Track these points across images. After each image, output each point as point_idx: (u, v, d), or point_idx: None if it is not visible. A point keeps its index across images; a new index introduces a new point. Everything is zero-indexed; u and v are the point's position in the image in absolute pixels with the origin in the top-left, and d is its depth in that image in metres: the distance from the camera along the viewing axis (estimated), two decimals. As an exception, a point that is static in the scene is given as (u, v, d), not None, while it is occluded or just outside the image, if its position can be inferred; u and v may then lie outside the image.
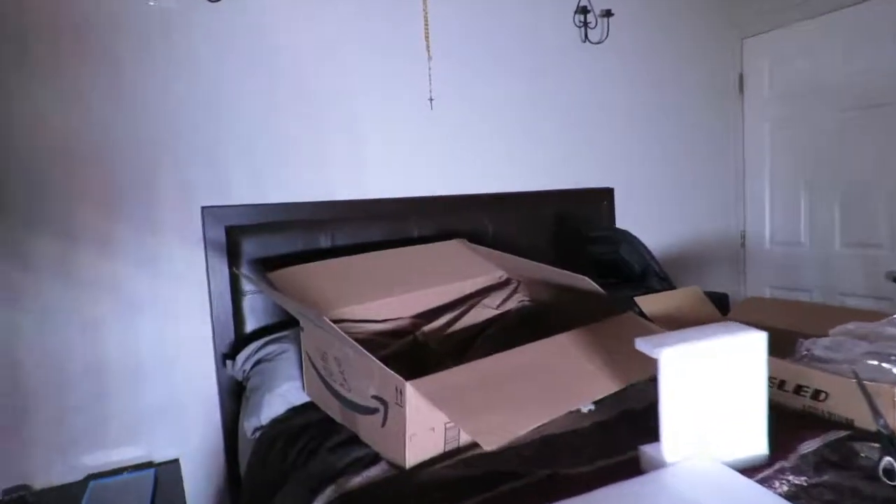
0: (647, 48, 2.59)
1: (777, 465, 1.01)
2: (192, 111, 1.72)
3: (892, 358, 1.11)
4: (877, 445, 1.05)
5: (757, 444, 1.04)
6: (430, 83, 2.02)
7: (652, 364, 1.19)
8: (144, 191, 1.67)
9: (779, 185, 2.87)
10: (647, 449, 1.05)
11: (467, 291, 1.72)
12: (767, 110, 2.85)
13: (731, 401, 1.02)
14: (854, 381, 1.16)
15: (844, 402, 1.19)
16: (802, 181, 2.76)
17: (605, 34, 2.37)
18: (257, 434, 1.42)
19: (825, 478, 0.98)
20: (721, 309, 1.87)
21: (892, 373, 1.11)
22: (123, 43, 1.62)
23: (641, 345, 1.01)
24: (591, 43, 2.37)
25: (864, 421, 1.16)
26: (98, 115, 1.60)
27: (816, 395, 1.23)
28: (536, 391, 1.06)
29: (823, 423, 1.18)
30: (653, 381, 1.13)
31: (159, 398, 1.69)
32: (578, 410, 1.18)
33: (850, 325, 1.30)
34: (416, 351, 1.50)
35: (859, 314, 1.75)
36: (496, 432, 0.93)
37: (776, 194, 2.89)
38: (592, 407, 1.18)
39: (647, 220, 2.62)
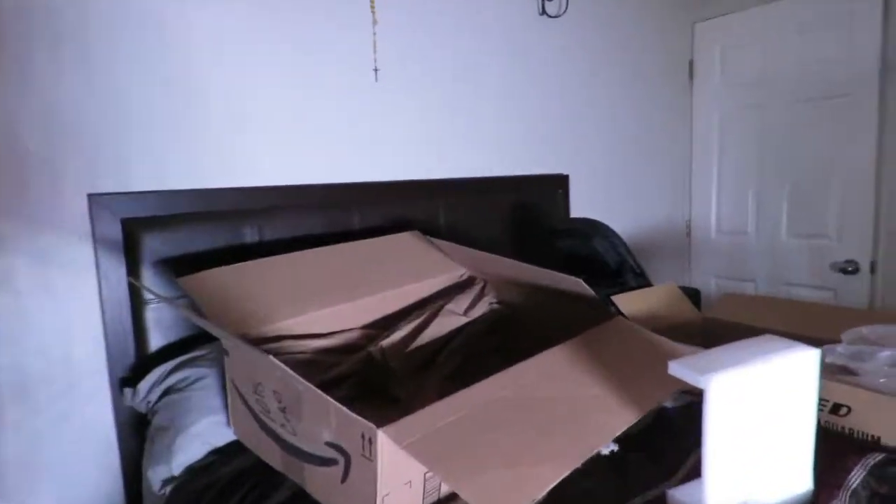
0: (605, 25, 2.42)
1: (832, 508, 0.84)
2: (70, 77, 1.34)
3: (936, 370, 0.98)
4: (926, 472, 0.91)
5: (802, 480, 0.88)
6: (375, 51, 1.73)
7: (670, 383, 1.01)
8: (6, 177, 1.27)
9: (727, 174, 2.82)
10: (678, 495, 0.86)
11: (426, 294, 1.47)
12: (717, 98, 2.78)
13: (778, 431, 0.84)
14: (882, 395, 1.03)
15: (869, 418, 1.06)
16: (751, 170, 2.71)
17: (563, 7, 2.17)
18: (168, 489, 1.10)
19: (888, 520, 0.82)
20: (695, 306, 1.74)
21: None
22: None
23: (678, 370, 0.80)
24: (549, 16, 2.16)
25: (891, 437, 1.03)
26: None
27: (836, 409, 1.09)
28: (546, 431, 0.83)
29: (849, 441, 1.05)
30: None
31: (34, 438, 1.31)
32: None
33: (864, 329, 1.17)
34: (371, 370, 1.24)
35: (850, 313, 1.67)
36: (510, 498, 0.69)
37: (724, 183, 2.84)
38: (615, 447, 0.97)
39: (600, 209, 2.46)
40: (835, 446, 1.01)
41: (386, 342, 1.24)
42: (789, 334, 1.00)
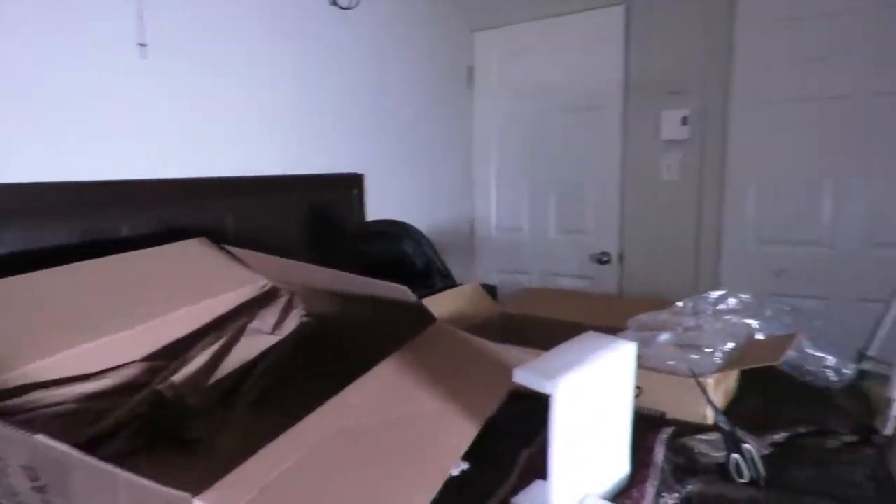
0: (394, 23, 2.41)
1: (648, 487, 0.92)
2: None
3: (707, 350, 1.15)
4: (704, 438, 1.07)
5: (622, 464, 0.95)
6: (143, 22, 1.43)
7: (500, 388, 1.01)
8: None
9: (505, 176, 3.06)
10: (523, 500, 0.85)
11: (223, 311, 1.26)
12: (496, 104, 2.99)
13: (606, 422, 0.89)
14: (667, 374, 1.18)
15: (655, 397, 1.20)
16: (526, 173, 2.98)
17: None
18: None
19: (690, 488, 0.93)
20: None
21: (703, 364, 1.14)
22: None
23: (524, 377, 0.79)
24: (340, 7, 2.06)
25: (674, 412, 1.18)
26: None
27: (630, 391, 1.22)
28: (399, 461, 0.75)
29: (643, 419, 1.17)
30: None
31: None
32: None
33: (643, 317, 1.34)
34: (160, 411, 1.01)
35: (627, 303, 1.90)
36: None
37: (502, 184, 3.07)
38: (465, 466, 0.92)
39: (394, 208, 2.46)
40: (635, 426, 1.12)
41: (178, 376, 1.03)
42: (586, 325, 1.09)
